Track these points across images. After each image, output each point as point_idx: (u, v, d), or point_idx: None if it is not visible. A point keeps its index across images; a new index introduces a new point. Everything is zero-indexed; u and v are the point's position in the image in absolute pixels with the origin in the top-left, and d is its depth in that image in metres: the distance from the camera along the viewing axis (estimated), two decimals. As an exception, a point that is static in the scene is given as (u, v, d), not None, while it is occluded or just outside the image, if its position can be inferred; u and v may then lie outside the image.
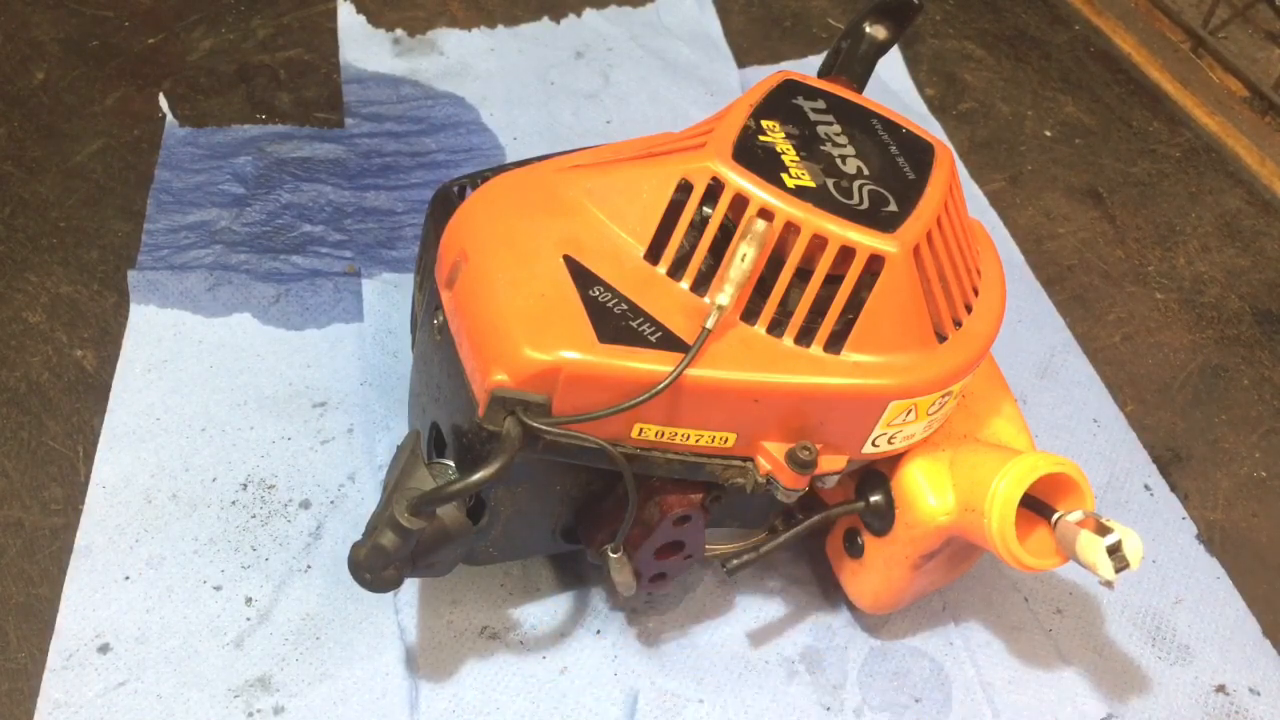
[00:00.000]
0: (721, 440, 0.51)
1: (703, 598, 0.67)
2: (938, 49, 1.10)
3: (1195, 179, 1.01)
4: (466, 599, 0.64)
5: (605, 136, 0.82)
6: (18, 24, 0.95)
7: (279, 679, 0.60)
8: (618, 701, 0.62)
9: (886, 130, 0.53)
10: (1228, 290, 0.92)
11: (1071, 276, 0.91)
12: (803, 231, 0.47)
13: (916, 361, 0.50)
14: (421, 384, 0.62)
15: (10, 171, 0.84)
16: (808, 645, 0.66)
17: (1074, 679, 0.67)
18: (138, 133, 0.88)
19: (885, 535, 0.58)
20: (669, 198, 0.50)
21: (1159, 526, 0.75)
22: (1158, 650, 0.69)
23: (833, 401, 0.49)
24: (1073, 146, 1.03)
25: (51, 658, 0.59)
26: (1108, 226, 0.96)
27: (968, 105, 1.05)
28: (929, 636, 0.67)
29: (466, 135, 0.92)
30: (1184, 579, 0.72)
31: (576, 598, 0.65)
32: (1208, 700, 0.67)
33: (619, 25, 1.05)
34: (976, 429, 0.57)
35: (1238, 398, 0.84)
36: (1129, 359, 0.86)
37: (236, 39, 0.97)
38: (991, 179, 0.98)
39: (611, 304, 0.49)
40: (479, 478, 0.47)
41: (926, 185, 0.50)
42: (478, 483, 0.47)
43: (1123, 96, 1.08)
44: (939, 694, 0.65)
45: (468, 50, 0.99)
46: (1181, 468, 0.79)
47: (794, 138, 0.50)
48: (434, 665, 0.61)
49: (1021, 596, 0.70)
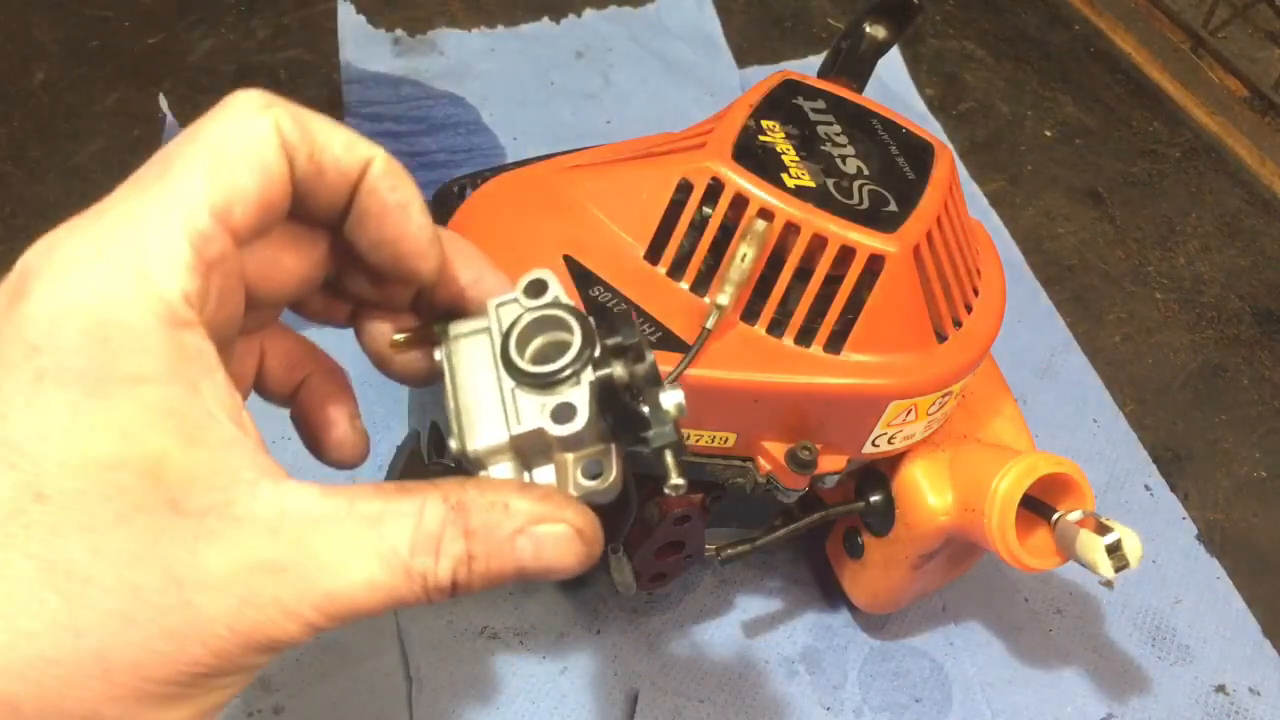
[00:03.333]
0: (721, 440, 0.51)
1: (703, 598, 0.67)
2: (938, 49, 1.10)
3: (1195, 179, 1.01)
4: (466, 599, 0.64)
5: (605, 136, 0.82)
6: (18, 24, 0.94)
7: (279, 679, 0.60)
8: (618, 701, 0.62)
9: (886, 130, 0.53)
10: (1228, 290, 0.92)
11: (1071, 276, 0.91)
12: (803, 231, 0.47)
13: (916, 361, 0.50)
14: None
15: (10, 171, 0.84)
16: (808, 645, 0.66)
17: (1074, 679, 0.67)
18: (138, 133, 0.88)
19: (885, 535, 0.58)
20: (669, 198, 0.50)
21: (1159, 526, 0.75)
22: (1158, 650, 0.69)
23: (833, 401, 0.49)
24: (1073, 146, 1.03)
25: (51, 658, 0.59)
26: (1108, 226, 0.96)
27: (968, 105, 1.05)
28: (929, 636, 0.67)
29: (466, 135, 0.92)
30: (1184, 579, 0.72)
31: (576, 598, 0.65)
32: (1208, 700, 0.67)
33: (619, 25, 1.05)
34: (976, 429, 0.57)
35: (1238, 398, 0.84)
36: (1129, 359, 0.86)
37: (236, 39, 0.97)
38: (991, 179, 0.98)
39: (611, 304, 0.49)
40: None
41: (926, 185, 0.50)
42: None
43: (1123, 96, 1.08)
44: (939, 694, 0.65)
45: (468, 50, 0.99)
46: (1181, 468, 0.79)
47: (794, 138, 0.50)
48: (434, 665, 0.61)
49: (1021, 596, 0.70)
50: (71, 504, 0.24)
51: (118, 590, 0.24)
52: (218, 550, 0.25)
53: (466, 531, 0.27)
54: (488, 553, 0.28)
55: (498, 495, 0.28)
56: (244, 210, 0.27)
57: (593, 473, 0.32)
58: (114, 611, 0.24)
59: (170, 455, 0.25)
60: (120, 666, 0.24)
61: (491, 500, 0.28)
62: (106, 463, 0.24)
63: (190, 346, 0.26)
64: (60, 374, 0.24)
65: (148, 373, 0.25)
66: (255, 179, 0.27)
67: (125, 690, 0.24)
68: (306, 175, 0.28)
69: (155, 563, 0.24)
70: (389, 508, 0.27)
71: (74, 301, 0.24)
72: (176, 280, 0.25)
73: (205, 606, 0.24)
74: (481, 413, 0.31)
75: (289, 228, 0.30)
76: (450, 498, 0.27)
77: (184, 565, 0.24)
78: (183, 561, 0.24)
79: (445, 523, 0.27)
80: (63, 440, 0.24)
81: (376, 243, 0.30)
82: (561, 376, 0.30)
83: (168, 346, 0.25)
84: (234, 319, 0.29)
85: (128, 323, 0.25)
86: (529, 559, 0.28)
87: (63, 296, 0.24)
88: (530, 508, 0.28)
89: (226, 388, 0.27)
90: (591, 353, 0.31)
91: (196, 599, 0.24)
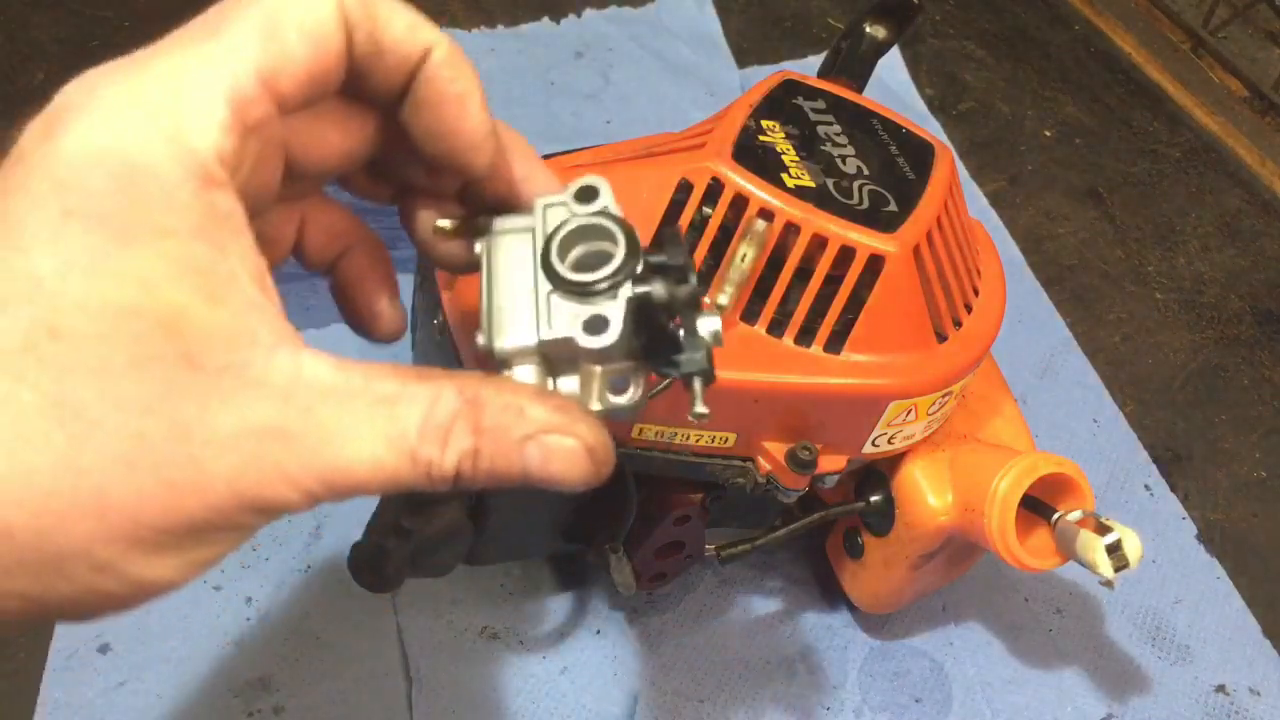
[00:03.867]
0: (722, 440, 0.51)
1: (703, 598, 0.67)
2: (938, 49, 1.10)
3: (1195, 179, 1.01)
4: (466, 599, 0.64)
5: (605, 136, 0.82)
6: (18, 24, 0.94)
7: (279, 679, 0.60)
8: (618, 701, 0.62)
9: (886, 130, 0.53)
10: (1228, 290, 0.92)
11: (1071, 276, 0.91)
12: (803, 231, 0.47)
13: (916, 361, 0.50)
14: (421, 384, 0.62)
15: (10, 171, 0.84)
16: (808, 645, 0.66)
17: (1074, 679, 0.67)
18: (138, 133, 0.88)
19: (885, 535, 0.58)
20: (669, 198, 0.49)
21: (1159, 526, 0.75)
22: (1158, 650, 0.69)
23: (833, 401, 0.49)
24: (1073, 146, 1.03)
25: (52, 658, 0.59)
26: (1108, 226, 0.96)
27: (968, 105, 1.05)
28: (929, 636, 0.67)
29: (466, 135, 0.91)
30: (1184, 579, 0.72)
31: (576, 598, 0.65)
32: (1208, 700, 0.67)
33: (619, 25, 1.05)
34: (976, 429, 0.57)
35: (1238, 398, 0.84)
36: (1129, 359, 0.86)
37: (236, 39, 0.97)
38: (991, 179, 0.98)
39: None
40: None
41: (926, 185, 0.50)
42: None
43: (1123, 96, 1.08)
44: (939, 694, 0.65)
45: (468, 50, 0.98)
46: (1181, 468, 0.79)
47: (794, 138, 0.50)
48: (434, 665, 0.61)
49: (1021, 596, 0.70)
50: (86, 345, 0.23)
51: (123, 435, 0.24)
52: (227, 410, 0.25)
53: (476, 428, 0.27)
54: (494, 452, 0.27)
55: (514, 398, 0.28)
56: (292, 79, 0.26)
57: (618, 388, 0.31)
58: (117, 456, 0.24)
59: (190, 311, 0.25)
60: (117, 508, 0.24)
61: (507, 401, 0.28)
62: (125, 309, 0.24)
63: (220, 206, 0.25)
64: (87, 215, 0.24)
65: (174, 227, 0.24)
66: (308, 49, 0.26)
67: (118, 532, 0.24)
68: (364, 53, 0.28)
69: (164, 413, 0.24)
70: (404, 390, 0.27)
71: (108, 146, 0.24)
72: (211, 139, 0.25)
73: (208, 463, 0.24)
74: (514, 312, 0.30)
75: (339, 102, 0.30)
76: (466, 391, 0.27)
77: (192, 420, 0.24)
78: (192, 416, 0.24)
79: (457, 416, 0.27)
80: (83, 281, 0.24)
81: (431, 132, 0.30)
82: (600, 288, 0.30)
83: (197, 203, 0.25)
84: (271, 185, 0.29)
85: (159, 175, 0.24)
86: (535, 466, 0.28)
87: (97, 139, 0.24)
88: (544, 416, 0.28)
89: (253, 251, 0.26)
90: (633, 267, 0.30)
91: (200, 454, 0.24)
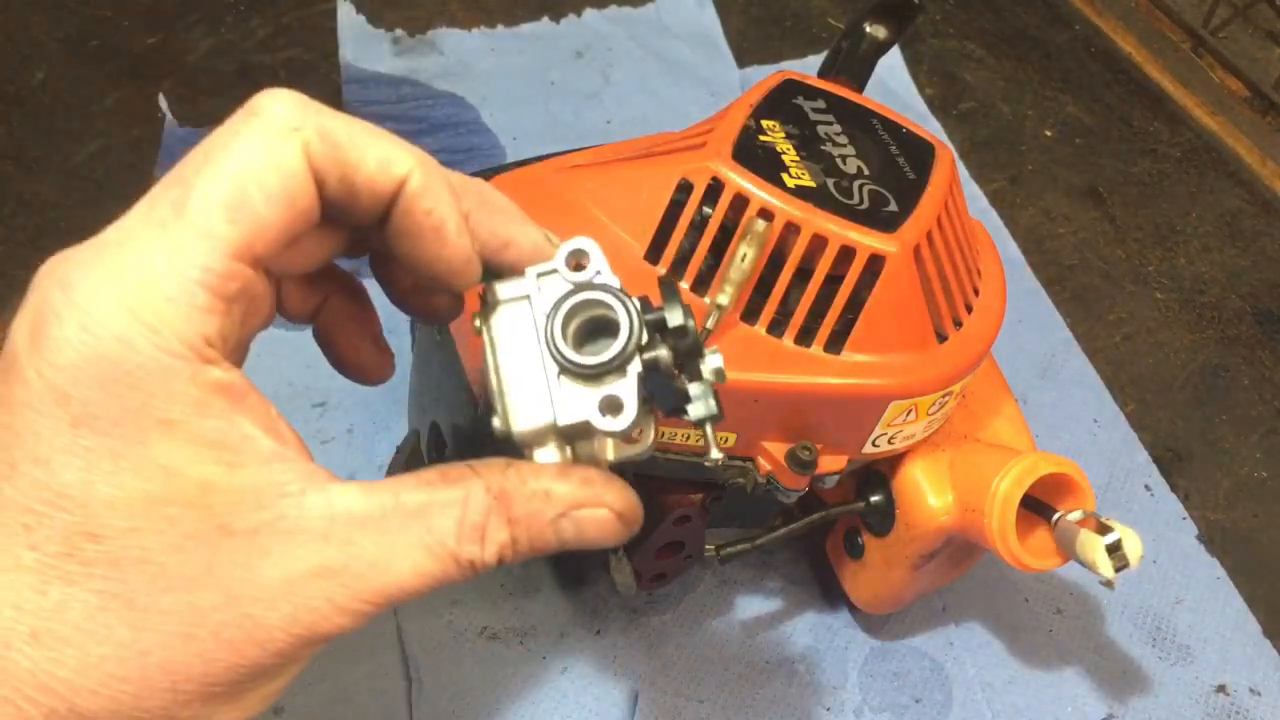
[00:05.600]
0: (722, 440, 0.51)
1: (703, 598, 0.67)
2: (938, 49, 1.10)
3: (1195, 179, 1.01)
4: (466, 599, 0.64)
5: (605, 136, 0.82)
6: (18, 24, 0.94)
7: (279, 679, 0.60)
8: (618, 701, 0.62)
9: (886, 130, 0.53)
10: (1228, 290, 0.92)
11: (1071, 276, 0.91)
12: (803, 231, 0.47)
13: (916, 361, 0.50)
14: (421, 384, 0.62)
15: (10, 171, 0.84)
16: (808, 645, 0.66)
17: (1074, 679, 0.67)
18: (138, 133, 0.88)
19: (885, 535, 0.58)
20: (669, 198, 0.49)
21: (1159, 526, 0.75)
22: (1158, 650, 0.69)
23: (833, 401, 0.49)
24: (1073, 146, 1.03)
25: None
26: (1108, 226, 0.96)
27: (968, 105, 1.05)
28: (929, 636, 0.67)
29: (466, 135, 0.91)
30: (1184, 579, 0.72)
31: (576, 598, 0.65)
32: (1208, 700, 0.67)
33: (619, 25, 1.05)
34: (976, 429, 0.57)
35: (1238, 398, 0.84)
36: (1129, 359, 0.86)
37: (236, 39, 0.96)
38: (992, 179, 0.98)
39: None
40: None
41: (927, 185, 0.50)
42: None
43: (1123, 96, 1.08)
44: (939, 694, 0.65)
45: (468, 50, 0.99)
46: (1181, 468, 0.79)
47: (794, 137, 0.50)
48: (434, 665, 0.61)
49: (1021, 597, 0.70)
50: (125, 539, 0.25)
51: (177, 612, 0.25)
52: (271, 563, 0.26)
53: (510, 519, 0.28)
54: (530, 537, 0.29)
55: (538, 482, 0.29)
56: (266, 243, 0.26)
57: (631, 439, 0.32)
58: (175, 632, 0.25)
59: (215, 483, 0.26)
60: (184, 677, 0.26)
61: (533, 490, 0.29)
62: (154, 499, 0.25)
63: (217, 379, 0.26)
64: (95, 421, 0.25)
65: (179, 415, 0.26)
66: (279, 212, 0.26)
67: (191, 695, 0.26)
68: (337, 197, 0.28)
69: (211, 584, 0.25)
70: (433, 498, 0.28)
71: (98, 352, 0.25)
72: (195, 326, 0.26)
73: (263, 617, 0.26)
74: (525, 394, 0.30)
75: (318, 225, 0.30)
76: (493, 486, 0.28)
77: (240, 582, 0.26)
78: (238, 579, 0.26)
79: (489, 513, 0.28)
80: (108, 483, 0.25)
81: (411, 258, 0.30)
82: (609, 369, 0.30)
83: (194, 386, 0.26)
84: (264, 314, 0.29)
85: (152, 371, 0.25)
86: (571, 538, 0.29)
87: (86, 346, 0.25)
88: (571, 493, 0.29)
89: (260, 405, 0.27)
90: (639, 341, 0.30)
91: (253, 610, 0.26)
